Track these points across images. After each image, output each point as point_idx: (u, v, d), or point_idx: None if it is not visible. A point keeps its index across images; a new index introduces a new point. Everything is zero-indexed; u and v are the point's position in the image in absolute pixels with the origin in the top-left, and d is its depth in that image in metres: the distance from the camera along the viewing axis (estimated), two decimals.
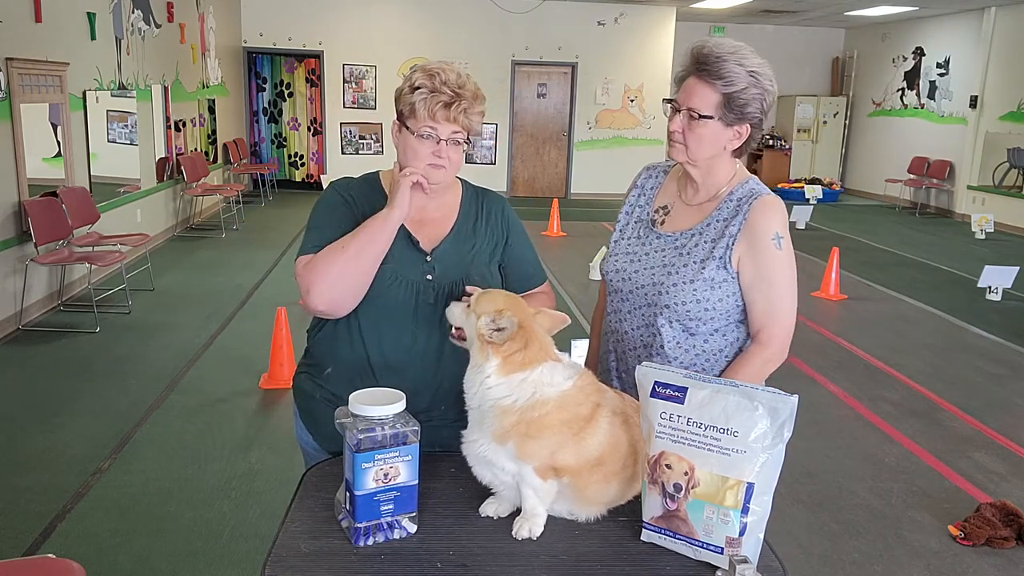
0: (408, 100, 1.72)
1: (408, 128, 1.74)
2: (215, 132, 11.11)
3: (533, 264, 1.97)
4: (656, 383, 1.43)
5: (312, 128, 13.36)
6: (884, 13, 13.03)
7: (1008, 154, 11.69)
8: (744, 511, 1.34)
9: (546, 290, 1.98)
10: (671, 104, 1.84)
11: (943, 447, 4.26)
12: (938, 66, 13.21)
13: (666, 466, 1.40)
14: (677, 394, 1.41)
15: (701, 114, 1.77)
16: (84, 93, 6.85)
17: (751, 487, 1.34)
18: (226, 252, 8.63)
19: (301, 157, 13.53)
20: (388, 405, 1.42)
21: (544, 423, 1.43)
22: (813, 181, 14.59)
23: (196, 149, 10.20)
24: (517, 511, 1.49)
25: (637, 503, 1.48)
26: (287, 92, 13.26)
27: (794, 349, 1.90)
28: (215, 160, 11.11)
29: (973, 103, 12.17)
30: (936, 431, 4.47)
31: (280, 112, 13.34)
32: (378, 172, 1.90)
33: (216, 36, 11.12)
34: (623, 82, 13.58)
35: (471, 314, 1.53)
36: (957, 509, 3.57)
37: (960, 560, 3.21)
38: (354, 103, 13.09)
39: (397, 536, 1.43)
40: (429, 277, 1.78)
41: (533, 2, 12.60)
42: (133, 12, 7.98)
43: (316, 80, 13.06)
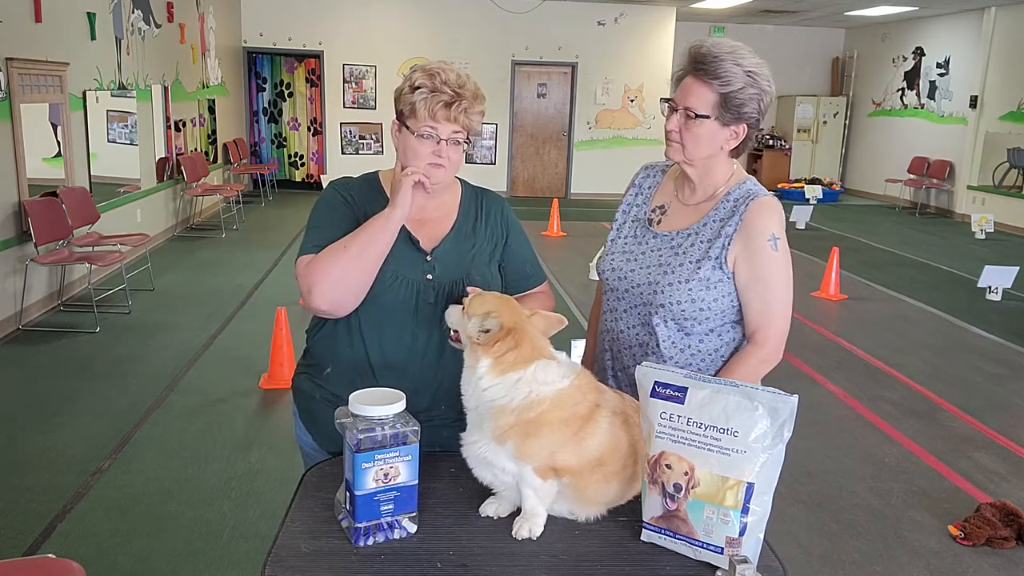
0: (408, 100, 1.72)
1: (408, 128, 1.74)
2: (215, 132, 11.11)
3: (532, 264, 1.97)
4: (656, 383, 1.44)
5: (312, 128, 13.36)
6: (884, 13, 13.03)
7: (1008, 154, 11.69)
8: (744, 511, 1.34)
9: (545, 290, 1.99)
10: (668, 104, 1.84)
11: (943, 447, 4.26)
12: (938, 66, 13.21)
13: (666, 466, 1.40)
14: (677, 394, 1.41)
15: (698, 113, 1.76)
16: (84, 93, 6.85)
17: (751, 487, 1.34)
18: (226, 252, 8.63)
19: (301, 157, 13.53)
20: (388, 405, 1.42)
21: (541, 422, 1.43)
22: (813, 181, 14.59)
23: (196, 149, 10.20)
24: (517, 511, 1.49)
25: (637, 503, 1.48)
26: (287, 92, 13.26)
27: (794, 349, 1.90)
28: (215, 160, 11.11)
29: (973, 103, 12.17)
30: (936, 431, 4.47)
31: (280, 112, 13.34)
32: (377, 172, 1.91)
33: (216, 36, 11.12)
34: (623, 82, 13.58)
35: (464, 316, 1.54)
36: (957, 509, 3.57)
37: (960, 560, 3.21)
38: (354, 103, 13.10)
39: (397, 536, 1.43)
40: (429, 277, 1.78)
41: (533, 2, 12.60)
42: (133, 12, 7.98)
43: (316, 80, 13.06)
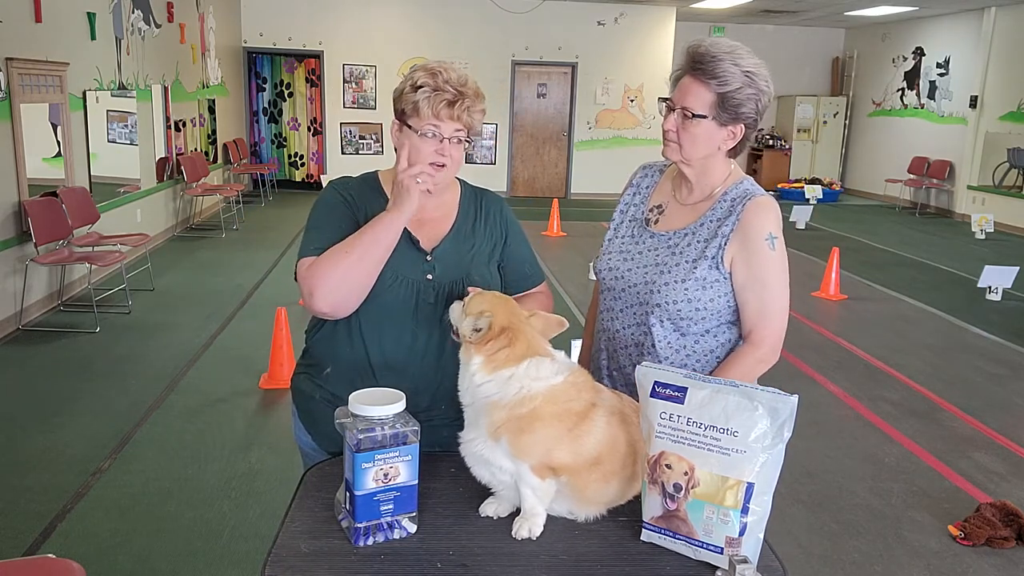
0: (411, 99, 1.72)
1: (410, 127, 1.75)
2: (215, 132, 11.11)
3: (531, 264, 1.97)
4: (656, 383, 1.44)
5: (312, 128, 13.36)
6: (884, 13, 13.03)
7: (1008, 154, 11.69)
8: (744, 511, 1.34)
9: (544, 290, 1.99)
10: (666, 103, 1.83)
11: (943, 447, 4.26)
12: (938, 66, 13.21)
13: (666, 466, 1.40)
14: (677, 394, 1.41)
15: (695, 113, 1.76)
16: (84, 93, 6.85)
17: (751, 487, 1.34)
18: (226, 252, 8.63)
19: (301, 157, 13.53)
20: (388, 405, 1.42)
21: (534, 416, 1.44)
22: (813, 181, 14.59)
23: (196, 149, 10.20)
24: (517, 511, 1.49)
25: (637, 503, 1.48)
26: (287, 92, 13.26)
27: (794, 349, 1.90)
28: (215, 160, 11.11)
29: (973, 103, 12.17)
30: (936, 431, 4.47)
31: (280, 112, 13.34)
32: (377, 172, 1.91)
33: (216, 36, 11.12)
34: (623, 82, 13.58)
35: (462, 314, 1.56)
36: (957, 509, 3.57)
37: (960, 560, 3.21)
38: (354, 103, 13.09)
39: (397, 536, 1.43)
40: (429, 277, 1.78)
41: (533, 2, 12.60)
42: (133, 12, 7.98)
43: (316, 80, 13.06)
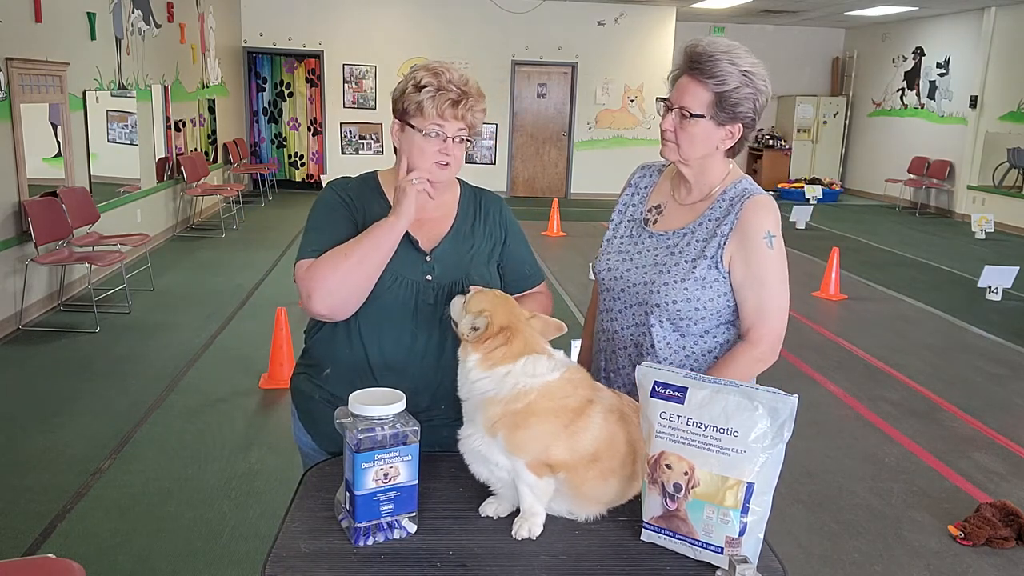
0: (415, 99, 1.73)
1: (413, 127, 1.75)
2: (215, 132, 11.11)
3: (531, 264, 1.97)
4: (656, 383, 1.44)
5: (312, 128, 13.36)
6: (884, 13, 13.03)
7: (1008, 154, 11.69)
8: (744, 511, 1.34)
9: (543, 290, 1.99)
10: (664, 103, 1.83)
11: (943, 447, 4.26)
12: (938, 66, 13.21)
13: (666, 466, 1.40)
14: (677, 394, 1.41)
15: (692, 113, 1.76)
16: (84, 93, 6.85)
17: (751, 487, 1.34)
18: (226, 252, 8.63)
19: (301, 157, 13.53)
20: (388, 405, 1.42)
21: (529, 412, 1.44)
22: (813, 181, 14.59)
23: (196, 149, 10.20)
24: (517, 511, 1.49)
25: (637, 503, 1.48)
26: (287, 92, 13.26)
27: (794, 349, 1.90)
28: (215, 160, 11.11)
29: (973, 103, 12.17)
30: (936, 431, 4.47)
31: (280, 112, 13.34)
32: (376, 172, 1.91)
33: (216, 36, 11.12)
34: (623, 82, 13.58)
35: (462, 311, 1.56)
36: (957, 509, 3.57)
37: (960, 560, 3.21)
38: (354, 103, 13.09)
39: (397, 536, 1.43)
40: (429, 277, 1.78)
41: (533, 2, 12.60)
42: (133, 12, 7.98)
43: (316, 80, 13.06)
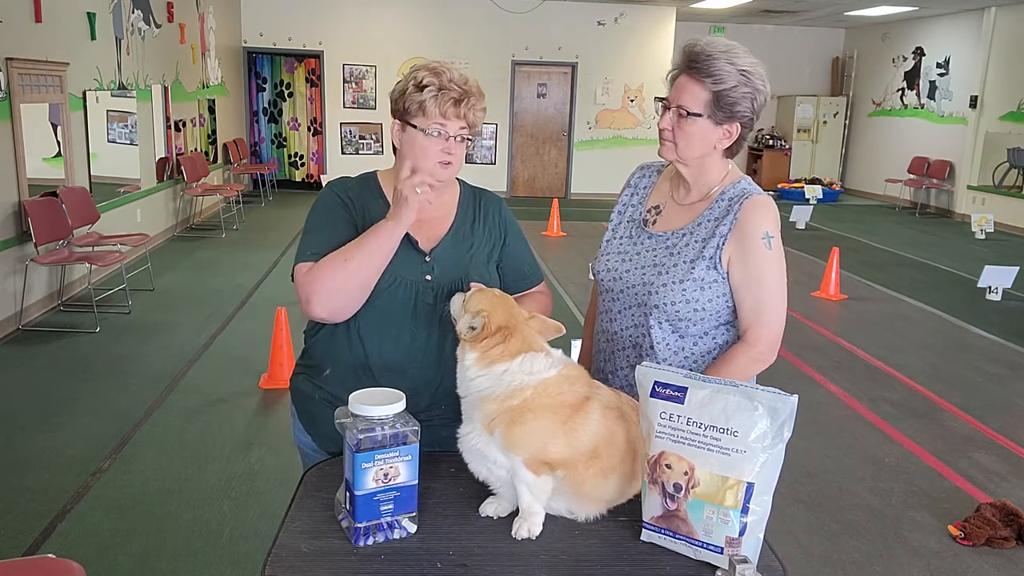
0: (416, 98, 1.73)
1: (414, 126, 1.75)
2: (215, 132, 11.11)
3: (530, 264, 1.97)
4: (656, 383, 1.44)
5: (312, 128, 13.36)
6: (884, 13, 13.03)
7: (1008, 154, 11.69)
8: (744, 511, 1.34)
9: (543, 290, 1.99)
10: (662, 103, 1.83)
11: (943, 447, 4.26)
12: (938, 66, 13.21)
13: (666, 466, 1.40)
14: (677, 394, 1.41)
15: (690, 111, 1.76)
16: (84, 93, 6.85)
17: (751, 487, 1.34)
18: (226, 252, 8.63)
19: (301, 157, 13.53)
20: (388, 405, 1.42)
21: (525, 408, 1.44)
22: (813, 181, 14.59)
23: (196, 149, 10.20)
24: (517, 511, 1.49)
25: (637, 503, 1.48)
26: (287, 92, 13.26)
27: (794, 349, 1.89)
28: (215, 160, 11.11)
29: (973, 103, 12.17)
30: (936, 431, 4.47)
31: (280, 112, 13.34)
32: (376, 172, 1.90)
33: (216, 36, 11.12)
34: (623, 82, 13.58)
35: (461, 309, 1.57)
36: (957, 509, 3.57)
37: (960, 560, 3.21)
38: (354, 103, 13.09)
39: (397, 536, 1.43)
40: (428, 278, 1.78)
41: (533, 2, 12.60)
42: (133, 12, 7.98)
43: (316, 80, 13.06)
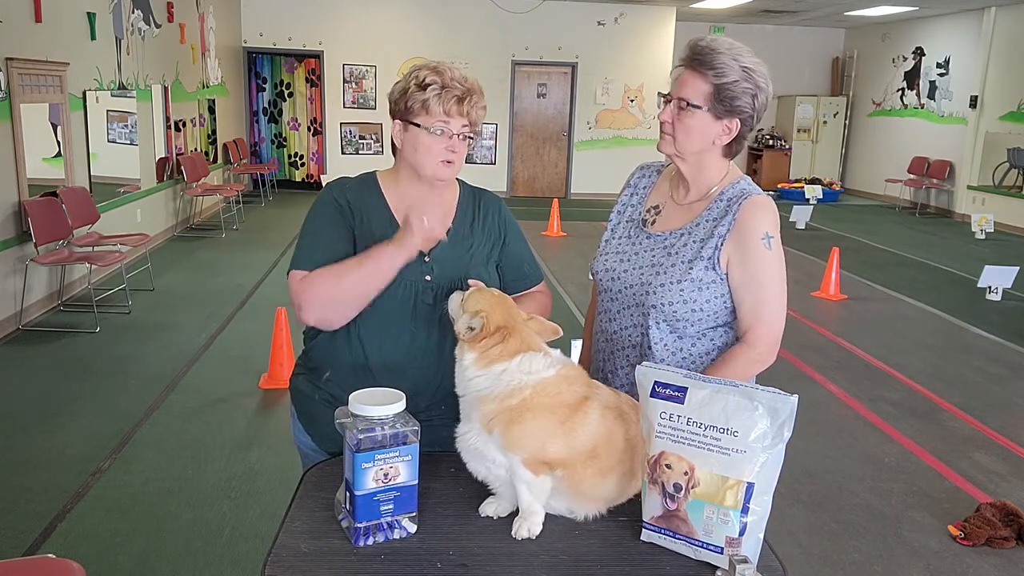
0: (419, 97, 1.73)
1: (417, 125, 1.75)
2: (215, 132, 11.11)
3: (530, 263, 1.97)
4: (656, 383, 1.44)
5: (312, 128, 13.36)
6: (884, 13, 13.02)
7: (1008, 154, 11.69)
8: (744, 511, 1.34)
9: (543, 289, 1.99)
10: (664, 97, 1.84)
11: (943, 447, 4.26)
12: (938, 66, 13.21)
13: (666, 466, 1.40)
14: (677, 394, 1.41)
15: (691, 103, 1.76)
16: (84, 93, 6.85)
17: (751, 487, 1.34)
18: (226, 252, 8.63)
19: (301, 157, 13.53)
20: (388, 405, 1.42)
21: (523, 408, 1.44)
22: (813, 181, 14.59)
23: (196, 149, 10.20)
24: (517, 511, 1.49)
25: (637, 503, 1.48)
26: (287, 92, 13.26)
27: (794, 349, 1.89)
28: (215, 160, 11.11)
29: (973, 103, 12.17)
30: (936, 431, 4.47)
31: (280, 112, 13.34)
32: (375, 172, 1.90)
33: (216, 36, 11.12)
34: (623, 82, 13.58)
35: (460, 309, 1.57)
36: (957, 509, 3.57)
37: (960, 560, 3.21)
38: (354, 103, 13.09)
39: (397, 536, 1.44)
40: (428, 278, 1.78)
41: (533, 2, 12.60)
42: (133, 12, 7.98)
43: (316, 80, 13.06)
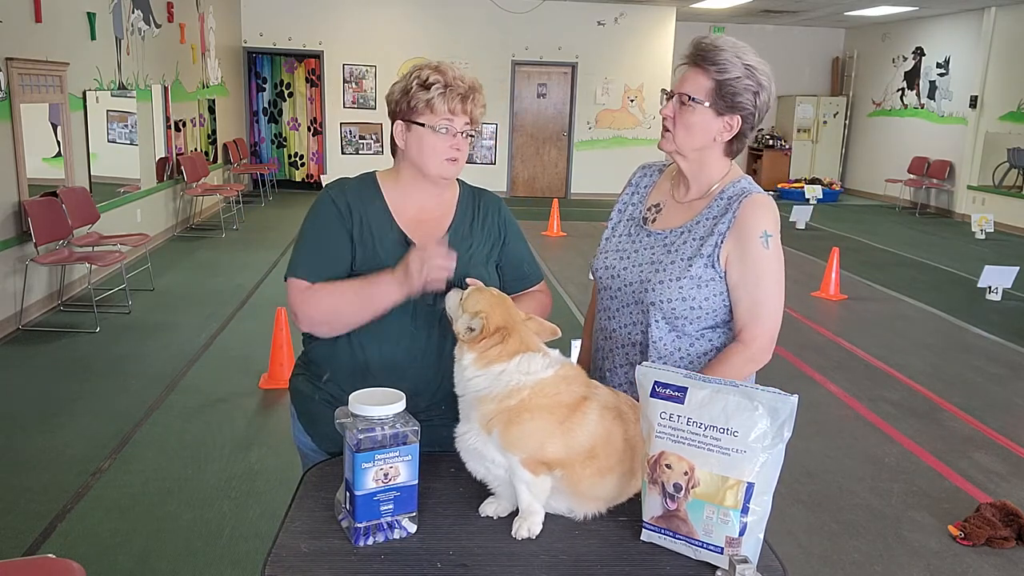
0: (423, 96, 1.74)
1: (421, 124, 1.75)
2: (215, 132, 11.11)
3: (530, 263, 1.98)
4: (656, 383, 1.43)
5: (312, 128, 13.36)
6: (884, 13, 13.02)
7: (1008, 154, 11.68)
8: (744, 511, 1.34)
9: (543, 288, 1.99)
10: (666, 94, 1.84)
11: (943, 447, 4.26)
12: (938, 66, 13.21)
13: (666, 466, 1.40)
14: (677, 394, 1.41)
15: (692, 97, 1.76)
16: (84, 93, 6.85)
17: (751, 487, 1.34)
18: (226, 252, 8.63)
19: (301, 157, 13.53)
20: (388, 405, 1.42)
21: (522, 408, 1.44)
22: (813, 181, 14.59)
23: (196, 149, 10.20)
24: (517, 511, 1.49)
25: (637, 503, 1.48)
26: (287, 92, 13.26)
27: (794, 349, 1.89)
28: (215, 160, 11.11)
29: (973, 103, 12.17)
30: (936, 431, 4.47)
31: (280, 112, 13.34)
32: (375, 172, 1.90)
33: (216, 36, 11.12)
34: (623, 82, 13.58)
35: (459, 308, 1.57)
36: (957, 509, 3.57)
37: (960, 560, 3.21)
38: (354, 103, 13.09)
39: (397, 536, 1.44)
40: None
41: (533, 2, 12.60)
42: (133, 12, 7.98)
43: (316, 80, 13.06)
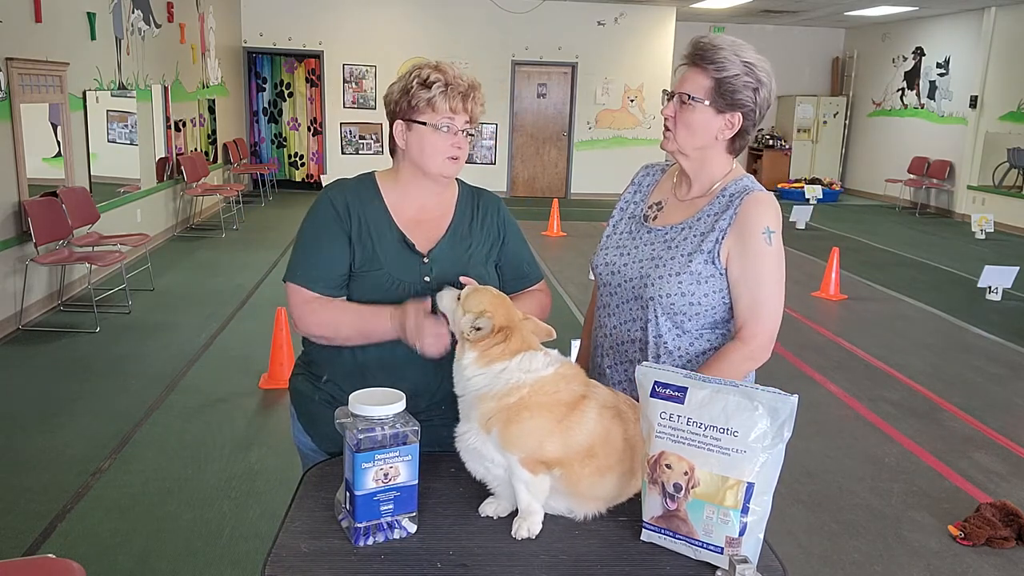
0: (424, 96, 1.74)
1: (422, 123, 1.75)
2: (215, 132, 11.11)
3: (529, 263, 1.98)
4: (656, 383, 1.43)
5: (312, 128, 13.36)
6: (884, 13, 13.03)
7: (1008, 154, 11.69)
8: (744, 511, 1.34)
9: (542, 288, 1.99)
10: (667, 94, 1.85)
11: (943, 447, 4.26)
12: (938, 66, 13.21)
13: (666, 466, 1.40)
14: (677, 394, 1.41)
15: (692, 96, 1.77)
16: (84, 93, 6.85)
17: (751, 487, 1.34)
18: (226, 252, 8.63)
19: (301, 157, 13.53)
20: (388, 405, 1.42)
21: (521, 406, 1.44)
22: (813, 181, 14.59)
23: (196, 149, 10.20)
24: (517, 511, 1.49)
25: (637, 503, 1.48)
26: (287, 92, 13.26)
27: (794, 349, 1.89)
28: (215, 160, 11.11)
29: (973, 103, 12.17)
30: (936, 431, 4.47)
31: (280, 112, 13.34)
32: (374, 172, 1.90)
33: (216, 36, 11.12)
34: (623, 82, 13.58)
35: (459, 308, 1.56)
36: (957, 509, 3.57)
37: (960, 560, 3.21)
38: (354, 103, 13.09)
39: (397, 536, 1.44)
40: (427, 279, 1.78)
41: (533, 2, 12.60)
42: (133, 12, 7.98)
43: (316, 80, 13.06)
